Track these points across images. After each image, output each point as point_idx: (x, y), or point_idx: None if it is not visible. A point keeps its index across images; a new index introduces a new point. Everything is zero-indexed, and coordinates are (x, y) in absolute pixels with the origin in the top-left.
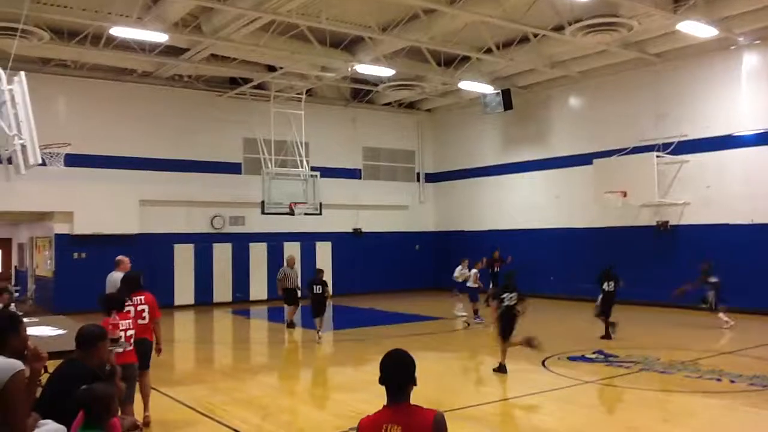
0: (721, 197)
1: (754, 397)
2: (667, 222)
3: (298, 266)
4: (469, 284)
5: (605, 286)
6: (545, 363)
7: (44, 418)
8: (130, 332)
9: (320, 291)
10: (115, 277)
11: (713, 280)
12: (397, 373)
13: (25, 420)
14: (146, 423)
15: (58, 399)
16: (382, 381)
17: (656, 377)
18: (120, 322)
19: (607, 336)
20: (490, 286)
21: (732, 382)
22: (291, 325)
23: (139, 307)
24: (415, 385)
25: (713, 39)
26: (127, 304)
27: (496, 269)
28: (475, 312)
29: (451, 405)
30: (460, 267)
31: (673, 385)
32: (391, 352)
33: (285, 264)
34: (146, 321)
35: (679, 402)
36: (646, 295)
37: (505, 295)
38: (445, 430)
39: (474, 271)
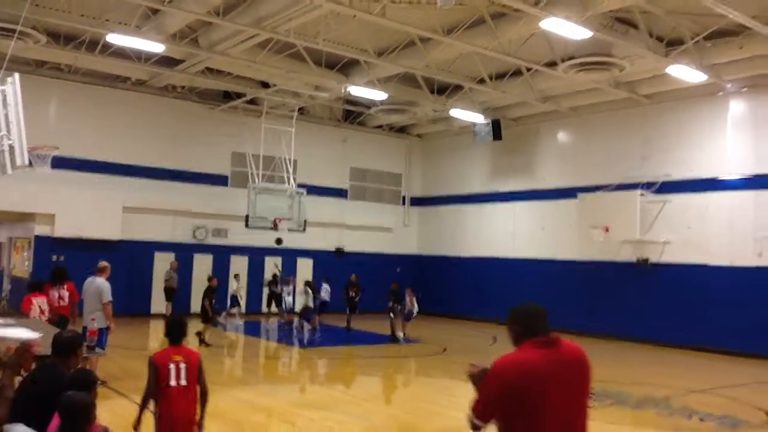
0: (701, 238)
1: None
2: (647, 259)
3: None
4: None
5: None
6: None
7: (16, 422)
8: (44, 307)
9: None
10: (97, 283)
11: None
12: (179, 330)
13: None
14: None
15: (32, 403)
16: (167, 334)
17: (629, 413)
18: (36, 299)
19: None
20: (347, 310)
21: (701, 420)
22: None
23: (62, 292)
24: (185, 336)
25: (702, 84)
26: (53, 289)
27: (351, 294)
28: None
29: (424, 429)
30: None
31: (645, 421)
32: (174, 318)
33: (170, 267)
34: (66, 303)
35: None
36: (624, 330)
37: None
38: (202, 367)
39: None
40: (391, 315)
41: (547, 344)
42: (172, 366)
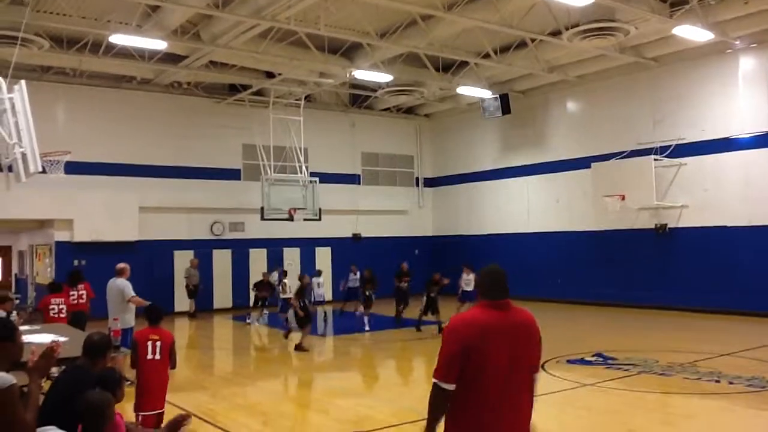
0: (718, 200)
1: (752, 398)
2: (665, 225)
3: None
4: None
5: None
6: (544, 366)
7: (47, 425)
8: (62, 306)
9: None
10: (117, 283)
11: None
12: (157, 315)
13: None
14: None
15: (62, 405)
16: (147, 316)
17: (655, 379)
18: (55, 299)
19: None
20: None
21: (730, 383)
22: (193, 315)
23: (80, 292)
24: (161, 319)
25: (709, 43)
26: (72, 290)
27: (404, 283)
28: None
29: None
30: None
31: (672, 387)
32: (153, 305)
33: (190, 265)
34: (84, 300)
35: (678, 404)
36: (645, 298)
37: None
38: (174, 346)
39: (285, 281)
40: (423, 302)
41: (498, 307)
42: (149, 343)
